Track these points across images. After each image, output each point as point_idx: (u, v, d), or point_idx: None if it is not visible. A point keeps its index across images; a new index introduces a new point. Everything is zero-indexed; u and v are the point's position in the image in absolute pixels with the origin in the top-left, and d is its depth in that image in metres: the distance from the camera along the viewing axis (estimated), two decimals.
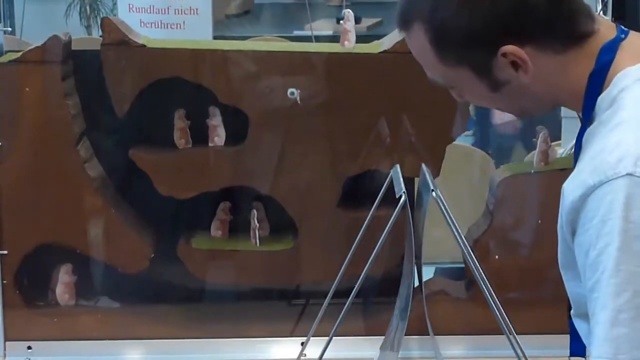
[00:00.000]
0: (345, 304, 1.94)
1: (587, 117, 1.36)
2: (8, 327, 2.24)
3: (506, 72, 1.38)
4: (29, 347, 2.24)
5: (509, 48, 1.36)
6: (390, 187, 1.97)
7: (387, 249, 2.15)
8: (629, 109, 1.30)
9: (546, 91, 1.40)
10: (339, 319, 1.91)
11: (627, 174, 1.22)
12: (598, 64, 1.37)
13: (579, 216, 1.27)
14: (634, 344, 1.21)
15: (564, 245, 1.35)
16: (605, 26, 1.41)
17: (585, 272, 1.27)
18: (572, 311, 1.45)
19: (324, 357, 2.00)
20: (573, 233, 1.29)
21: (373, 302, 2.30)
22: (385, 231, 1.86)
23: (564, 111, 3.80)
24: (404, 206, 1.87)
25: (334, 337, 2.03)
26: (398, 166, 2.00)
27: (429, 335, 2.19)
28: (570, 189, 1.28)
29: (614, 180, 1.23)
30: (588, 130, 1.35)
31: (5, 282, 2.22)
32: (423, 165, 2.06)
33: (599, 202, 1.24)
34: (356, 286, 1.90)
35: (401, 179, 1.93)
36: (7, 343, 2.24)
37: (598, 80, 1.37)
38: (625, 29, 1.41)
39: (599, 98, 1.36)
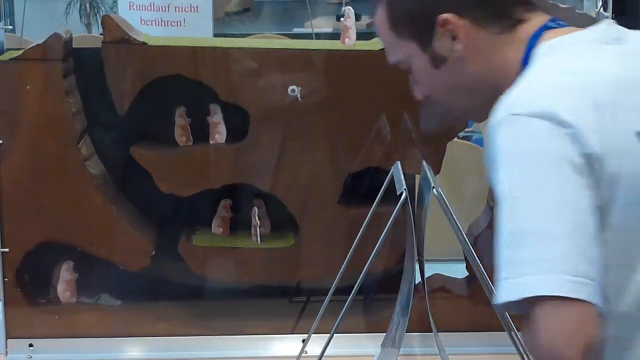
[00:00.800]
0: (346, 301, 1.94)
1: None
2: (10, 324, 2.25)
3: (445, 44, 1.53)
4: (31, 345, 2.25)
5: (446, 15, 1.50)
6: (391, 184, 1.97)
7: (388, 246, 2.16)
8: (528, 73, 1.43)
9: (482, 72, 1.50)
10: (340, 316, 1.92)
11: (512, 114, 1.34)
12: (527, 51, 1.48)
13: (491, 145, 1.38)
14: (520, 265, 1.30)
15: None
16: (540, 16, 1.52)
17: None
18: None
19: (325, 354, 2.00)
20: None
21: (374, 299, 2.30)
22: (387, 228, 1.87)
23: None
24: (404, 203, 1.87)
25: (335, 334, 2.03)
26: (399, 163, 2.00)
27: (430, 332, 2.19)
28: (491, 119, 1.39)
29: (504, 119, 1.35)
30: None
31: (6, 279, 2.23)
32: (424, 162, 2.06)
33: (491, 142, 1.37)
34: (357, 283, 1.90)
35: (402, 176, 1.93)
36: (8, 340, 2.25)
37: (527, 62, 1.47)
38: (562, 23, 1.52)
39: (531, 53, 1.47)
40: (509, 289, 1.31)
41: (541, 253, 1.29)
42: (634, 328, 1.37)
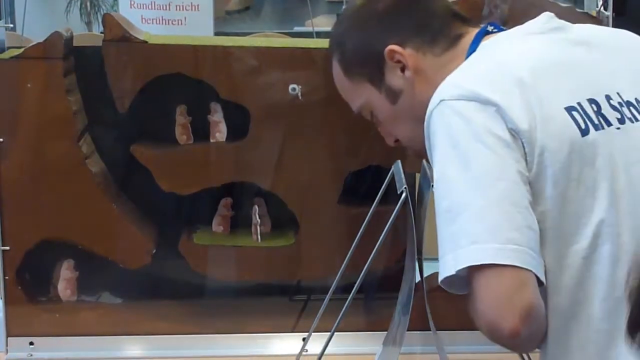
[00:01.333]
0: (347, 299, 1.94)
1: None
2: (10, 323, 2.24)
3: (396, 76, 1.62)
4: (31, 343, 2.25)
5: (391, 47, 1.60)
6: (392, 183, 1.97)
7: (389, 245, 2.16)
8: (464, 63, 1.52)
9: (432, 94, 1.53)
10: (340, 315, 1.91)
11: (441, 100, 1.42)
12: (467, 57, 1.56)
13: (428, 131, 1.46)
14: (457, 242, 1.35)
15: None
16: (477, 28, 1.62)
17: None
18: None
19: (327, 352, 2.00)
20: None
21: (376, 298, 2.30)
22: (387, 227, 1.87)
23: None
24: (405, 202, 1.87)
25: (336, 333, 2.03)
26: (399, 162, 2.00)
27: (430, 331, 2.19)
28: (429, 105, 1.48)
29: (435, 107, 1.44)
30: None
31: (7, 278, 2.23)
32: (424, 161, 2.06)
33: (427, 132, 1.46)
34: (357, 282, 1.90)
35: (402, 175, 1.93)
36: (9, 339, 2.25)
37: None
38: (502, 27, 1.61)
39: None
40: (445, 265, 1.37)
41: (470, 226, 1.34)
42: (575, 299, 1.39)
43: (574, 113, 1.41)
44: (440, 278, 1.37)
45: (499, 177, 1.35)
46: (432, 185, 1.89)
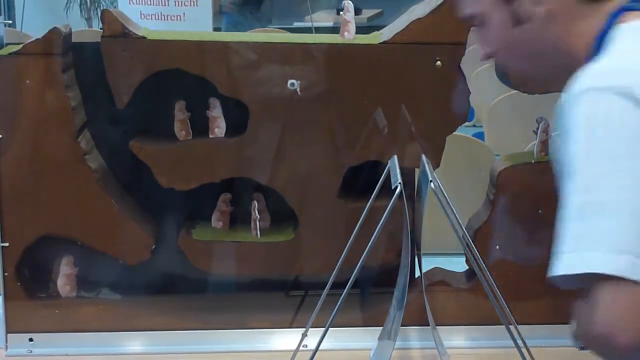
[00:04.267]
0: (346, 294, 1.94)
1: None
2: (10, 319, 2.25)
3: (532, 3, 1.48)
4: (31, 339, 2.25)
5: None
6: (390, 177, 1.97)
7: (388, 240, 2.16)
8: (611, 50, 1.41)
9: (559, 39, 1.47)
10: (335, 310, 1.91)
11: (591, 88, 1.32)
12: (604, 29, 1.45)
13: (566, 119, 1.35)
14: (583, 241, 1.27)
15: None
16: None
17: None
18: None
19: (324, 348, 2.00)
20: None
21: (375, 293, 2.31)
22: (381, 222, 1.86)
23: None
24: (400, 197, 1.87)
25: (335, 328, 2.03)
26: (395, 157, 2.00)
27: (429, 326, 2.19)
28: (568, 92, 1.36)
29: (583, 93, 1.33)
30: None
31: (6, 274, 2.23)
32: (423, 156, 2.06)
33: (567, 114, 1.35)
34: (352, 277, 1.90)
35: (398, 170, 1.93)
36: (8, 335, 2.25)
37: (602, 38, 1.45)
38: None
39: (607, 35, 1.45)
40: (570, 262, 1.28)
41: (610, 229, 1.27)
42: None
43: None
44: (556, 272, 1.31)
45: None
46: (431, 181, 1.90)
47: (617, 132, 1.30)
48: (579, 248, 1.27)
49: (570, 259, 1.28)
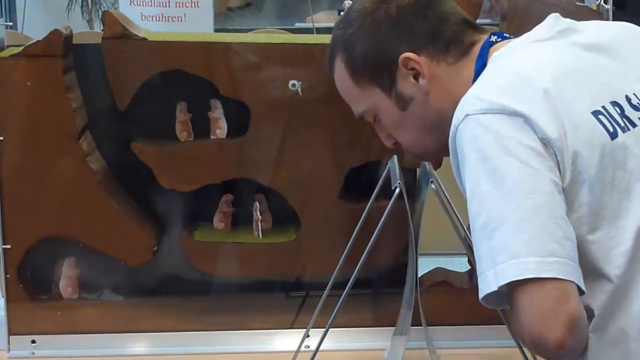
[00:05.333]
0: (349, 294, 1.94)
1: None
2: (12, 321, 2.25)
3: (409, 83, 1.59)
4: (33, 341, 2.25)
5: (406, 54, 1.57)
6: (390, 178, 1.97)
7: (393, 240, 2.16)
8: (482, 76, 1.50)
9: (446, 103, 1.54)
10: (335, 310, 1.91)
11: (466, 115, 1.40)
12: (476, 67, 1.56)
13: (454, 148, 1.44)
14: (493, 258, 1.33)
15: None
16: (485, 35, 1.61)
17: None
18: None
19: (327, 348, 2.00)
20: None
21: (384, 293, 2.31)
22: (380, 223, 1.86)
23: None
24: (399, 197, 1.87)
25: (340, 328, 2.03)
26: (395, 157, 2.00)
27: (434, 325, 2.20)
28: (453, 122, 1.45)
29: (460, 122, 1.41)
30: None
31: (8, 276, 2.23)
32: None
33: (454, 148, 1.44)
34: (352, 278, 1.90)
35: (397, 170, 1.93)
36: (11, 337, 2.25)
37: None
38: (507, 35, 1.60)
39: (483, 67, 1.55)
40: (485, 281, 1.35)
41: (508, 240, 1.32)
42: (614, 299, 1.38)
43: (601, 117, 1.40)
44: (480, 295, 1.36)
45: (533, 189, 1.33)
46: (432, 182, 1.90)
47: (491, 147, 1.36)
48: (491, 265, 1.33)
49: (484, 278, 1.34)
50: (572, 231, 1.34)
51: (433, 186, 1.90)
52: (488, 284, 1.34)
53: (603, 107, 1.42)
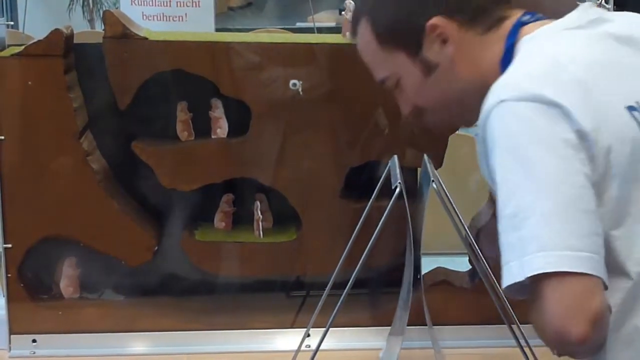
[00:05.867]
0: (348, 294, 1.94)
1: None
2: (13, 320, 2.25)
3: (435, 49, 1.57)
4: (34, 341, 2.25)
5: (435, 20, 1.55)
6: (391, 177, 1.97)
7: (393, 240, 2.16)
8: (513, 63, 1.47)
9: (471, 74, 1.54)
10: (335, 310, 1.91)
11: (500, 101, 1.37)
12: (506, 48, 1.53)
13: (484, 136, 1.42)
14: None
15: None
16: (517, 12, 1.58)
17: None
18: None
19: (329, 348, 2.00)
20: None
21: (382, 293, 2.31)
22: (381, 222, 1.86)
23: None
24: (399, 197, 1.87)
25: (340, 328, 2.02)
26: (396, 157, 2.00)
27: (436, 325, 2.19)
28: (482, 109, 1.43)
29: (493, 108, 1.38)
30: None
31: (9, 275, 2.23)
32: (425, 156, 2.06)
33: (484, 133, 1.42)
34: (352, 278, 1.90)
35: (398, 170, 1.93)
36: (12, 336, 2.25)
37: (507, 59, 1.52)
38: (539, 15, 1.57)
39: (513, 50, 1.52)
40: (510, 271, 1.33)
41: (538, 231, 1.30)
42: (631, 297, 1.38)
43: (635, 113, 1.39)
44: (504, 284, 1.34)
45: (566, 181, 1.32)
46: (433, 181, 1.90)
47: (524, 136, 1.35)
48: (518, 256, 1.31)
49: (510, 268, 1.33)
50: (600, 226, 1.33)
51: (434, 185, 1.89)
52: (513, 274, 1.32)
53: (637, 102, 1.41)
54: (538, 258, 1.29)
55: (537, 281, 1.30)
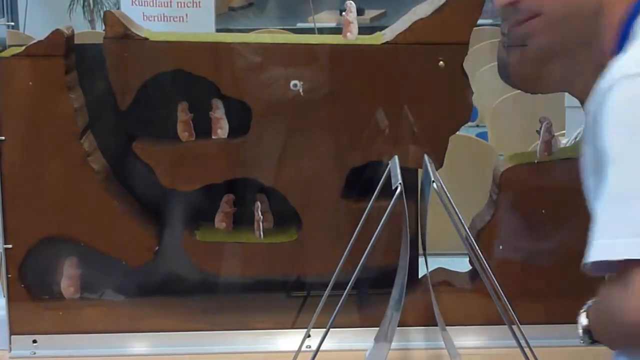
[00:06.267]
0: (349, 295, 1.94)
1: (621, 45, 1.42)
2: (13, 321, 2.25)
3: None
4: (35, 341, 2.25)
5: None
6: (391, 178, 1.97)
7: (395, 240, 2.15)
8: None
9: (592, 5, 1.44)
10: (335, 311, 1.91)
11: (625, 75, 1.31)
12: (634, 11, 1.42)
13: (600, 111, 1.33)
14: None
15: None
16: None
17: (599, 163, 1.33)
18: None
19: (331, 349, 2.00)
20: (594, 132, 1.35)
21: (375, 293, 2.30)
22: (381, 223, 1.86)
23: (568, 101, 3.80)
24: (400, 197, 1.87)
25: (346, 328, 2.02)
26: (396, 157, 2.00)
27: (436, 326, 2.19)
28: (599, 85, 1.34)
29: (618, 80, 1.31)
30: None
31: (10, 276, 2.23)
32: (426, 157, 2.06)
33: (602, 103, 1.32)
34: (352, 278, 1.90)
35: (398, 170, 1.93)
36: (12, 337, 2.25)
37: (628, 30, 1.43)
38: None
39: (635, 23, 1.42)
40: (601, 249, 1.28)
41: None
42: None
43: None
44: (591, 259, 1.31)
45: None
46: (434, 182, 1.90)
47: None
48: (615, 235, 1.27)
49: (602, 246, 1.28)
50: None
51: (435, 186, 1.90)
52: (602, 252, 1.28)
53: None
54: (635, 243, 1.25)
55: (626, 266, 1.26)
